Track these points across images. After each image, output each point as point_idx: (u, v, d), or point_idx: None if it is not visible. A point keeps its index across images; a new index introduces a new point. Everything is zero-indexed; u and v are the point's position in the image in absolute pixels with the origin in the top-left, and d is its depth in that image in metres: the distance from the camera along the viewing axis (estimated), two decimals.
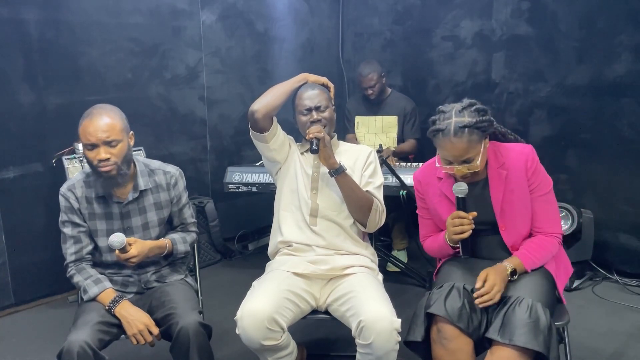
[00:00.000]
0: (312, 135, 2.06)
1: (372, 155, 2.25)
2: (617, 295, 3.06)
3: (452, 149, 1.80)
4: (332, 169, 2.07)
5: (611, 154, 3.19)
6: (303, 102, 2.20)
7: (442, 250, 2.01)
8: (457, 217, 1.85)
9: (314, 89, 2.23)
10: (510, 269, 1.82)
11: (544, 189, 1.91)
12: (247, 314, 1.83)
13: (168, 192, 2.11)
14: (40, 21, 2.97)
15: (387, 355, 1.81)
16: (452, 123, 1.80)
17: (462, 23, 3.79)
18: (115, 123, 1.93)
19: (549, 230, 1.92)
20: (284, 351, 1.95)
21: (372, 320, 1.78)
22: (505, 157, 1.92)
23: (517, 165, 1.89)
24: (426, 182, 2.04)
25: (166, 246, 2.07)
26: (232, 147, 3.97)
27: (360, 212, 2.12)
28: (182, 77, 3.64)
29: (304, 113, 2.19)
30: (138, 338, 1.88)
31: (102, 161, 1.90)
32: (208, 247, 3.71)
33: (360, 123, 3.77)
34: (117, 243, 1.88)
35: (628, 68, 3.07)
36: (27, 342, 2.73)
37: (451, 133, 1.79)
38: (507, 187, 1.90)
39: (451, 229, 1.86)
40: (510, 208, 1.90)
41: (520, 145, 1.96)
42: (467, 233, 1.84)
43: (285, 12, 4.16)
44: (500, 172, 1.90)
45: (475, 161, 1.82)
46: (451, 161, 1.84)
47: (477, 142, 1.81)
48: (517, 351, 1.68)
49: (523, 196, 1.90)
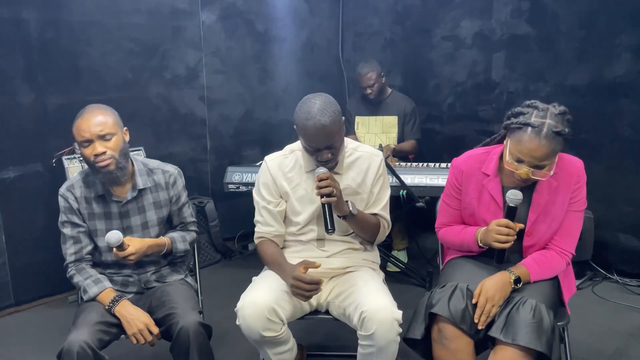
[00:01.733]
0: (325, 201, 1.85)
1: (382, 167, 2.07)
2: (617, 295, 3.06)
3: (536, 150, 1.69)
4: (343, 215, 1.94)
5: (611, 154, 3.19)
6: (310, 142, 1.88)
7: (464, 246, 1.96)
8: (505, 225, 1.77)
9: (323, 123, 1.82)
10: (514, 277, 1.80)
11: (581, 206, 1.89)
12: (248, 304, 1.84)
13: (167, 191, 2.11)
14: (40, 21, 2.97)
15: (388, 346, 1.80)
16: (547, 124, 1.69)
17: (462, 23, 3.79)
18: (108, 118, 1.94)
19: (564, 247, 1.89)
20: (283, 346, 1.95)
21: (374, 310, 1.78)
22: (559, 167, 1.82)
23: (567, 178, 1.84)
24: (469, 172, 1.95)
25: (165, 244, 2.07)
26: (232, 147, 3.97)
27: (369, 237, 2.10)
28: (182, 77, 3.64)
29: (311, 152, 1.92)
30: (138, 337, 1.89)
31: (99, 156, 1.90)
32: (208, 247, 3.71)
33: (360, 123, 3.77)
34: (113, 240, 1.88)
35: (628, 68, 3.07)
36: (27, 342, 2.73)
37: (543, 133, 1.68)
38: (550, 198, 1.85)
39: (495, 236, 1.78)
40: (544, 218, 1.87)
41: (573, 159, 1.89)
42: (509, 244, 1.79)
43: (285, 12, 4.16)
44: (551, 183, 1.84)
45: (546, 169, 1.73)
46: (523, 160, 1.73)
47: (558, 152, 1.74)
48: (520, 351, 1.68)
49: (561, 209, 1.86)
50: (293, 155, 2.08)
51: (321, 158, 1.90)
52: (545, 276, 1.87)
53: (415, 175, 3.03)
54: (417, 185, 3.00)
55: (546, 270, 1.87)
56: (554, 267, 1.88)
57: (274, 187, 2.07)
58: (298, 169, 2.05)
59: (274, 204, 2.08)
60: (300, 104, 1.90)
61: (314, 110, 1.84)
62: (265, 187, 2.08)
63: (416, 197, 2.96)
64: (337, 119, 1.87)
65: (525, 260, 1.88)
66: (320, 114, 1.83)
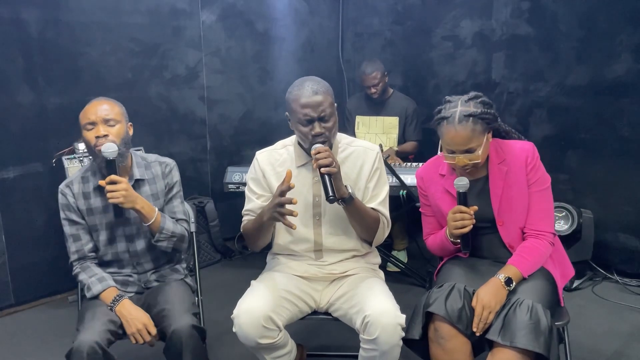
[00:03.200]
0: (325, 171, 1.78)
1: (378, 160, 2.02)
2: (617, 295, 3.06)
3: (455, 137, 1.81)
4: (340, 198, 1.86)
5: (611, 154, 3.19)
6: (303, 110, 1.85)
7: (444, 247, 2.01)
8: (458, 211, 1.84)
9: (315, 89, 1.86)
10: (504, 279, 1.80)
11: (542, 185, 1.91)
12: (243, 312, 1.83)
13: (163, 180, 2.11)
14: (40, 21, 2.97)
15: (391, 350, 1.79)
16: (457, 112, 1.82)
17: (462, 23, 3.79)
18: (115, 106, 1.99)
19: (541, 229, 1.90)
20: (281, 350, 1.94)
21: (377, 314, 1.77)
22: (507, 154, 1.93)
23: (518, 162, 1.90)
24: (428, 178, 2.04)
25: (155, 211, 1.99)
26: (232, 147, 3.97)
27: (368, 233, 2.03)
28: (182, 77, 3.64)
29: (304, 124, 1.88)
30: (136, 337, 1.88)
31: (100, 138, 1.91)
32: (208, 247, 3.71)
33: (361, 123, 3.77)
34: (110, 152, 1.88)
35: (628, 68, 3.07)
36: (27, 342, 2.73)
37: (455, 121, 1.81)
38: (506, 183, 1.91)
39: (452, 224, 1.85)
40: (508, 204, 1.91)
41: (521, 142, 1.97)
42: (468, 228, 1.83)
43: (285, 12, 4.16)
44: (501, 168, 1.92)
45: (477, 152, 1.82)
46: (453, 151, 1.84)
47: (481, 133, 1.82)
48: (518, 353, 1.67)
49: (521, 192, 1.90)
50: (285, 149, 2.06)
51: (314, 131, 1.86)
52: (536, 266, 1.87)
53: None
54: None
55: (534, 260, 1.87)
56: (541, 253, 1.88)
57: (263, 180, 2.03)
58: (289, 164, 2.02)
59: (264, 198, 2.02)
60: (292, 85, 1.94)
61: (306, 82, 1.90)
62: (254, 182, 2.05)
63: (416, 197, 2.96)
64: (329, 92, 1.91)
65: (511, 258, 1.88)
66: (313, 83, 1.90)
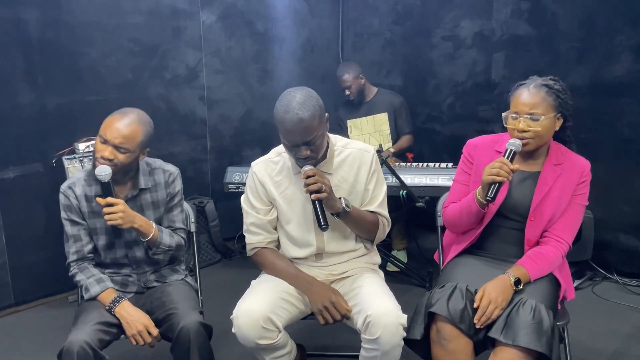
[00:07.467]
0: (315, 197, 1.80)
1: (375, 162, 2.00)
2: (617, 295, 3.06)
3: (526, 97, 1.85)
4: (336, 212, 1.88)
5: (611, 154, 3.19)
6: (287, 136, 1.80)
7: (463, 208, 1.95)
8: (500, 161, 1.80)
9: (300, 117, 1.74)
10: (514, 279, 1.80)
11: (583, 201, 1.94)
12: (242, 313, 1.83)
13: (166, 190, 2.10)
14: (40, 21, 2.97)
15: (393, 350, 1.79)
16: (535, 79, 1.90)
17: (462, 23, 3.79)
18: (137, 135, 1.95)
19: (564, 237, 1.91)
20: (281, 351, 1.94)
21: (379, 314, 1.77)
22: (565, 159, 1.94)
23: (574, 171, 1.92)
24: (484, 147, 2.04)
25: (153, 226, 2.00)
26: (232, 147, 3.97)
27: (368, 235, 2.05)
28: (182, 77, 3.64)
29: (289, 148, 1.84)
30: (137, 339, 1.88)
31: (104, 159, 1.91)
32: (208, 247, 3.71)
33: (353, 126, 3.79)
34: (104, 174, 1.88)
35: (628, 68, 3.07)
36: (27, 342, 2.73)
37: (531, 85, 1.87)
38: (555, 185, 1.91)
39: (488, 170, 1.81)
40: (548, 203, 1.90)
41: (582, 157, 1.98)
42: (501, 178, 1.79)
43: (285, 12, 4.16)
44: (555, 170, 1.92)
45: (540, 120, 1.82)
46: (518, 113, 1.85)
47: (550, 105, 1.84)
48: (521, 352, 1.68)
49: (564, 198, 1.91)
50: (280, 157, 2.03)
51: (299, 155, 1.82)
52: (544, 272, 1.87)
53: (415, 175, 3.04)
54: (417, 185, 3.01)
55: (544, 265, 1.87)
56: (551, 260, 1.88)
57: (263, 192, 2.01)
58: (286, 172, 2.00)
59: (263, 211, 2.02)
60: (281, 97, 1.82)
61: (293, 104, 1.76)
62: (253, 194, 2.03)
63: (416, 197, 2.96)
64: (317, 113, 1.78)
65: (522, 259, 1.88)
66: (300, 107, 1.75)
